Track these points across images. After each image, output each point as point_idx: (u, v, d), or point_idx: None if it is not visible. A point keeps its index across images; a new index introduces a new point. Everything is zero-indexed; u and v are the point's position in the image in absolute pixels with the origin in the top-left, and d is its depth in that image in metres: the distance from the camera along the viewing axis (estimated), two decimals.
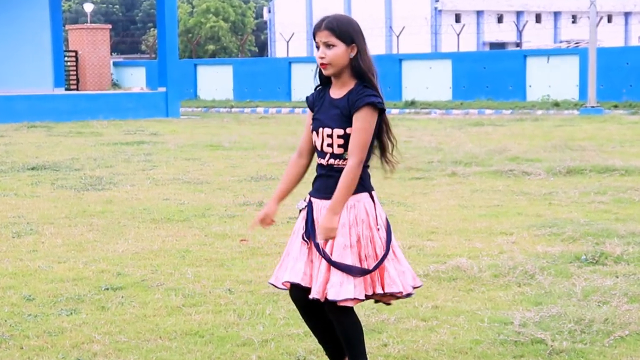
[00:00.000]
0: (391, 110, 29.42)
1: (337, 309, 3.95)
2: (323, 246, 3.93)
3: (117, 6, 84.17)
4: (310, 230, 4.00)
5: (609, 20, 66.02)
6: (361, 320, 4.26)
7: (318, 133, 4.02)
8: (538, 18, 66.86)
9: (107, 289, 6.08)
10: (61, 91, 30.82)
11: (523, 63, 33.03)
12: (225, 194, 10.52)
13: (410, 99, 33.28)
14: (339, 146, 3.96)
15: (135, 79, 41.38)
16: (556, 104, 30.04)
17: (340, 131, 3.95)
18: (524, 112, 27.73)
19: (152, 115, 27.71)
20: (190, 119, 27.27)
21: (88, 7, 51.83)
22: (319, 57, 3.94)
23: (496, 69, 33.44)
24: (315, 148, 4.07)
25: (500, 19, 65.41)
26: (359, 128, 3.89)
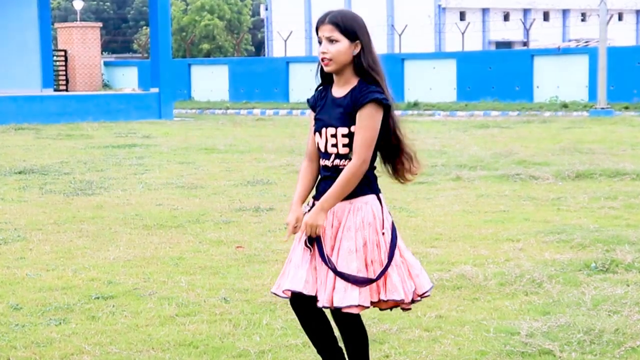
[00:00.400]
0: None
1: (344, 317, 3.92)
2: (324, 245, 3.85)
3: (108, 4, 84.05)
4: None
5: (620, 18, 65.62)
6: None
7: (321, 133, 3.96)
8: (546, 16, 66.37)
9: (98, 298, 6.06)
10: (50, 92, 30.53)
11: (530, 63, 32.71)
12: (220, 199, 10.46)
13: (413, 100, 32.97)
14: (344, 146, 3.89)
15: (126, 80, 41.29)
16: (565, 106, 29.80)
17: (344, 130, 3.88)
18: (532, 114, 27.63)
19: (145, 117, 27.64)
20: (184, 121, 27.24)
21: (78, 5, 51.72)
22: (321, 53, 3.88)
23: (502, 69, 33.13)
24: (319, 149, 4.00)
25: (506, 17, 64.98)
26: (363, 126, 3.83)
